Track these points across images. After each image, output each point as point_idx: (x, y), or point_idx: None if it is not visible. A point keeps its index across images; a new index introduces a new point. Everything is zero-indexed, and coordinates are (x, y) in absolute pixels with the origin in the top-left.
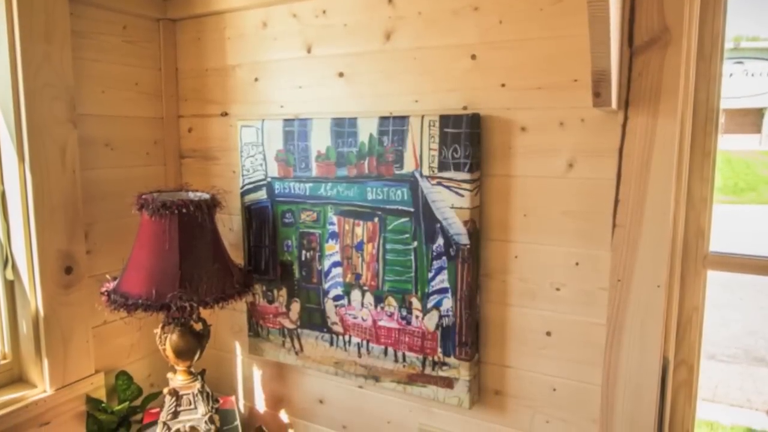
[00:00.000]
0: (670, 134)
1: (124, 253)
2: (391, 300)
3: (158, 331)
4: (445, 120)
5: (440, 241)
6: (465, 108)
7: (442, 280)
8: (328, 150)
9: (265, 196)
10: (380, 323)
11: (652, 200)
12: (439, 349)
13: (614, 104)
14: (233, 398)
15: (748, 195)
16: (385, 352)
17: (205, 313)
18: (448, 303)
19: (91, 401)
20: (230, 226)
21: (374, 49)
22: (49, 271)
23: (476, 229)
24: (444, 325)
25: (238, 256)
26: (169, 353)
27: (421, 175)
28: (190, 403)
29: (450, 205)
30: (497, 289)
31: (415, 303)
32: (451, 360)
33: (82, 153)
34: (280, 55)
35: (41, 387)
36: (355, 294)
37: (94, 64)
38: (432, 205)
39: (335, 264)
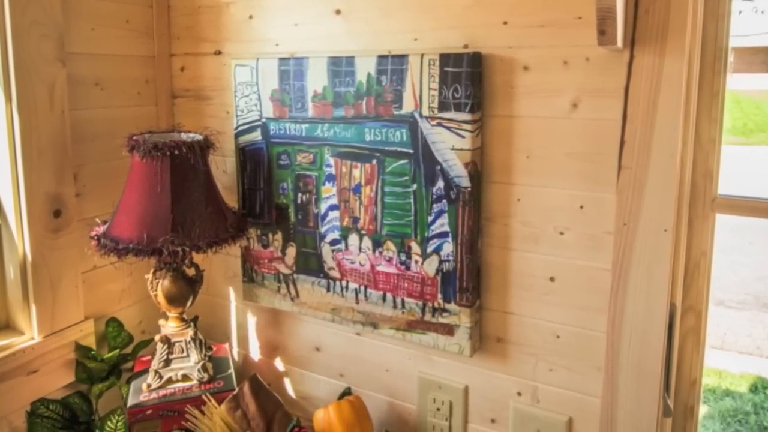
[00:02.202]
0: (678, 73)
1: (115, 196)
2: (389, 244)
3: (149, 276)
4: (445, 59)
5: (440, 183)
6: (466, 46)
7: (442, 224)
8: (324, 90)
9: (260, 138)
10: (378, 268)
11: (659, 141)
12: (439, 295)
13: (620, 42)
14: (227, 346)
15: (757, 136)
16: (384, 298)
17: (197, 257)
18: (448, 247)
19: (81, 349)
20: (224, 168)
21: None
22: (36, 214)
23: (477, 171)
24: (444, 270)
25: (232, 200)
26: (161, 299)
27: (421, 115)
28: (183, 351)
29: (450, 146)
30: (499, 233)
31: (415, 247)
32: (452, 306)
33: (71, 93)
34: None
35: (29, 334)
36: (353, 238)
37: (83, 0)
38: (432, 146)
39: (332, 207)
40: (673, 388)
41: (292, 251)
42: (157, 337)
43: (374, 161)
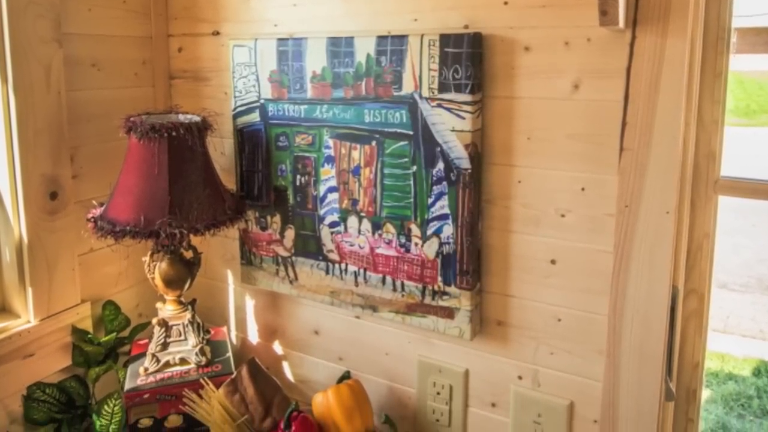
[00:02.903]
0: (680, 54)
1: (112, 178)
2: (389, 227)
3: (147, 259)
4: (445, 39)
5: (440, 165)
6: (466, 27)
7: (442, 206)
8: (323, 70)
9: (258, 119)
10: (378, 251)
11: (661, 122)
12: (439, 278)
13: (622, 23)
14: (225, 329)
15: (760, 117)
16: (383, 281)
17: (195, 240)
18: (448, 230)
19: (77, 332)
20: (222, 150)
21: None
22: (33, 196)
23: (478, 152)
24: (444, 252)
25: (230, 181)
26: (158, 282)
27: (421, 96)
28: (180, 334)
29: (450, 127)
30: (500, 216)
31: (414, 230)
32: (452, 289)
33: (68, 73)
34: None
35: (25, 317)
36: (352, 220)
37: None
38: (432, 127)
39: (331, 189)
40: (675, 371)
41: (290, 233)
42: (154, 321)
43: (373, 143)
